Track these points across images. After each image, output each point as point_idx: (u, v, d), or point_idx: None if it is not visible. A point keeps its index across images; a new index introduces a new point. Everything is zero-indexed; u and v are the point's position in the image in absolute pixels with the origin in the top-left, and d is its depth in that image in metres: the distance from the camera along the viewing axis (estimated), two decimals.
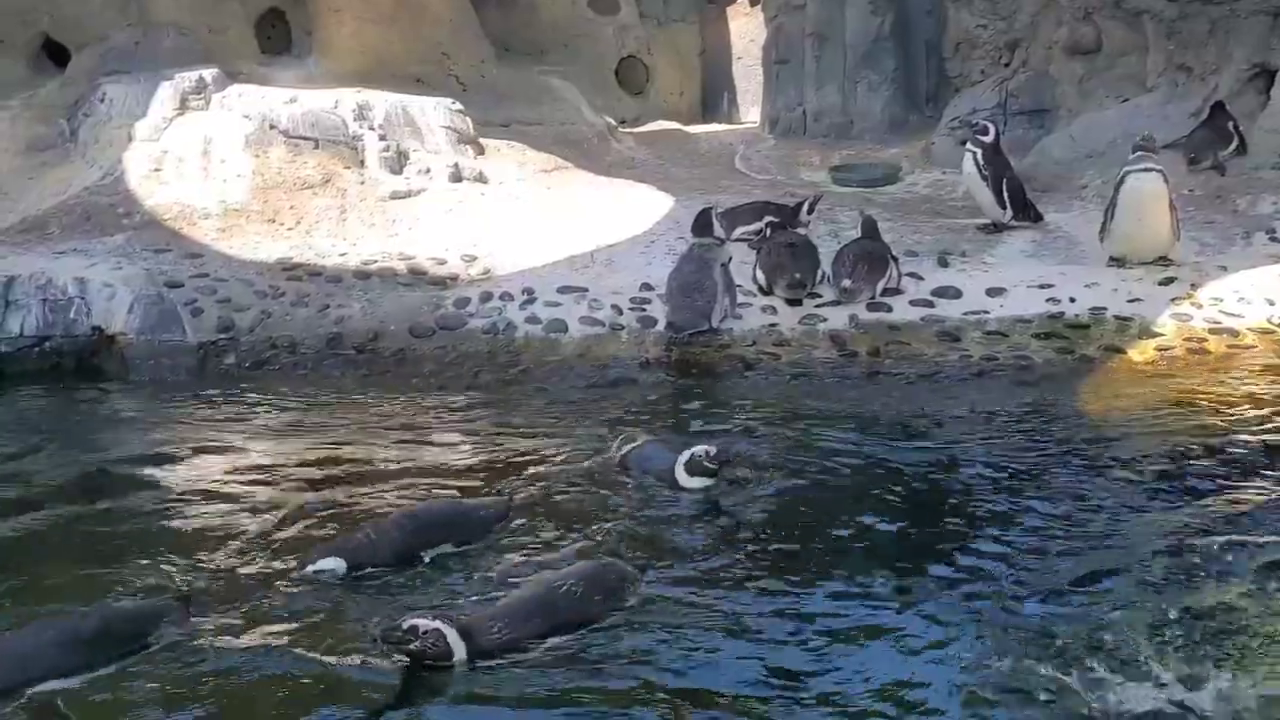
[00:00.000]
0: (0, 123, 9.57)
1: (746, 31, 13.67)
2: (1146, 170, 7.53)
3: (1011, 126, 10.33)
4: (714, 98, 13.89)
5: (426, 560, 4.31)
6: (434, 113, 9.84)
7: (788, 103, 12.16)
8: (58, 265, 7.82)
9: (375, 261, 8.23)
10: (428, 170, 9.40)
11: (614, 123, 11.81)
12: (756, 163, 11.39)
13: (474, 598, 3.99)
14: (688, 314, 7.29)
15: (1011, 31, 11.21)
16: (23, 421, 6.47)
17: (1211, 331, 6.89)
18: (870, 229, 7.95)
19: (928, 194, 9.98)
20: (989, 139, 8.56)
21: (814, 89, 12.03)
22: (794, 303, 7.47)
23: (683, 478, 4.90)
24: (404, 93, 9.97)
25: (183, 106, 9.36)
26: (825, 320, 7.30)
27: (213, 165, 8.96)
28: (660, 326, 7.35)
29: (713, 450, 4.87)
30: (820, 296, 7.51)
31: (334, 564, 4.16)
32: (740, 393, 6.62)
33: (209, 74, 9.60)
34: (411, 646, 3.50)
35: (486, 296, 7.73)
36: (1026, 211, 8.64)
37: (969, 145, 8.67)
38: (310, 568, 4.18)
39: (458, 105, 10.08)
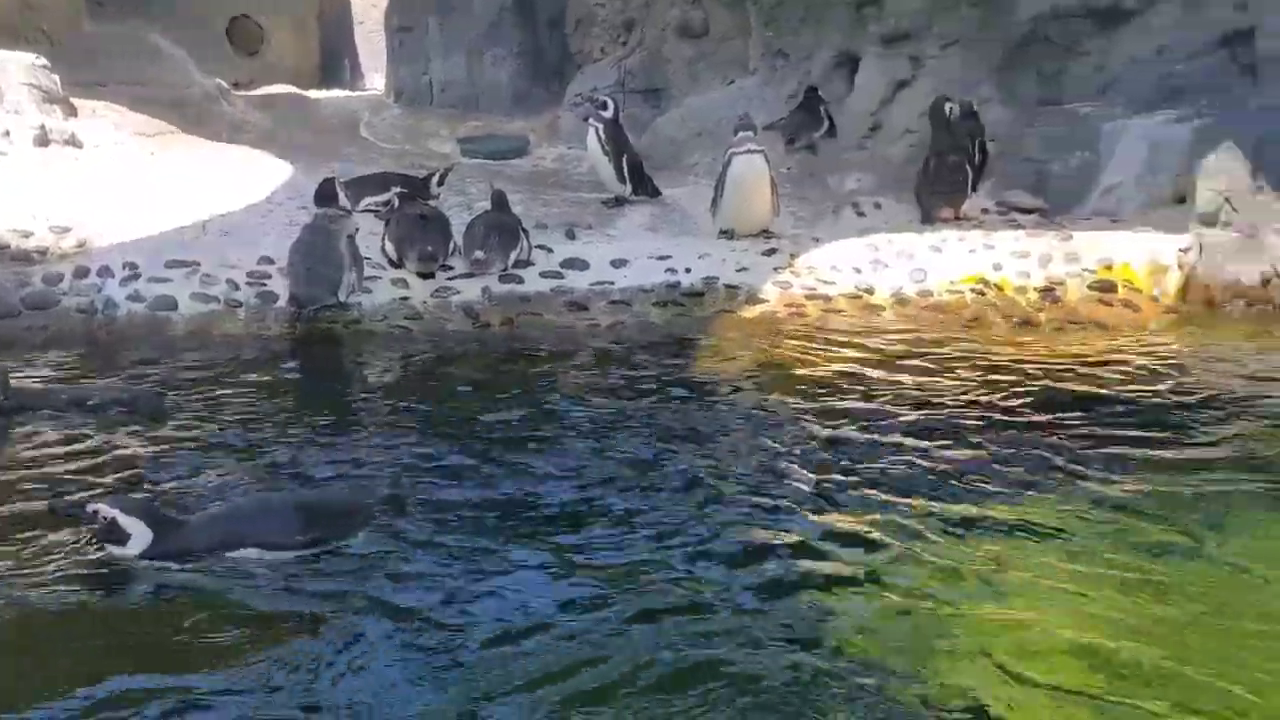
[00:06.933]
0: None
1: None
2: (750, 152, 8.09)
3: (630, 104, 10.71)
4: (334, 63, 13.44)
5: None
6: (14, 69, 8.83)
7: (413, 72, 11.99)
8: None
9: None
10: (7, 133, 8.45)
11: (226, 85, 11.12)
12: (383, 131, 11.15)
13: None
14: (313, 288, 7.00)
15: (628, 11, 11.57)
16: None
17: (808, 297, 7.48)
18: (500, 201, 8.00)
19: (555, 168, 10.18)
20: (610, 115, 8.87)
21: (440, 59, 11.94)
22: (426, 275, 7.38)
23: None
24: None
25: None
26: (458, 293, 7.28)
27: None
28: (283, 302, 7.02)
29: None
30: (452, 269, 7.48)
31: None
32: (376, 370, 6.46)
33: None
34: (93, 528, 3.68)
35: (82, 272, 7.05)
36: (645, 186, 9.05)
37: (591, 121, 8.95)
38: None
39: (43, 61, 9.12)
